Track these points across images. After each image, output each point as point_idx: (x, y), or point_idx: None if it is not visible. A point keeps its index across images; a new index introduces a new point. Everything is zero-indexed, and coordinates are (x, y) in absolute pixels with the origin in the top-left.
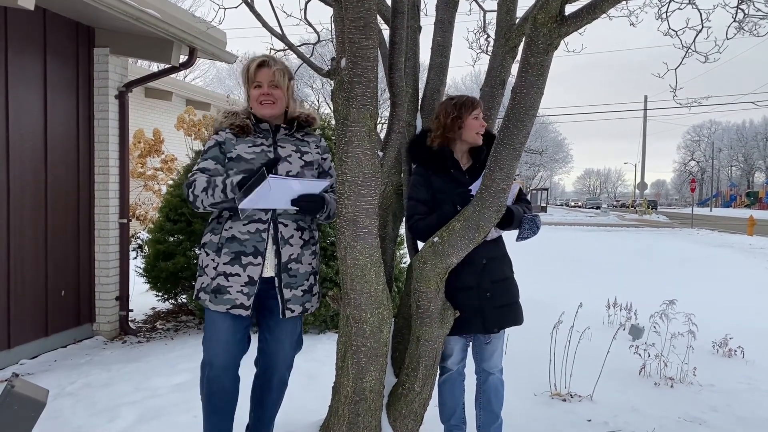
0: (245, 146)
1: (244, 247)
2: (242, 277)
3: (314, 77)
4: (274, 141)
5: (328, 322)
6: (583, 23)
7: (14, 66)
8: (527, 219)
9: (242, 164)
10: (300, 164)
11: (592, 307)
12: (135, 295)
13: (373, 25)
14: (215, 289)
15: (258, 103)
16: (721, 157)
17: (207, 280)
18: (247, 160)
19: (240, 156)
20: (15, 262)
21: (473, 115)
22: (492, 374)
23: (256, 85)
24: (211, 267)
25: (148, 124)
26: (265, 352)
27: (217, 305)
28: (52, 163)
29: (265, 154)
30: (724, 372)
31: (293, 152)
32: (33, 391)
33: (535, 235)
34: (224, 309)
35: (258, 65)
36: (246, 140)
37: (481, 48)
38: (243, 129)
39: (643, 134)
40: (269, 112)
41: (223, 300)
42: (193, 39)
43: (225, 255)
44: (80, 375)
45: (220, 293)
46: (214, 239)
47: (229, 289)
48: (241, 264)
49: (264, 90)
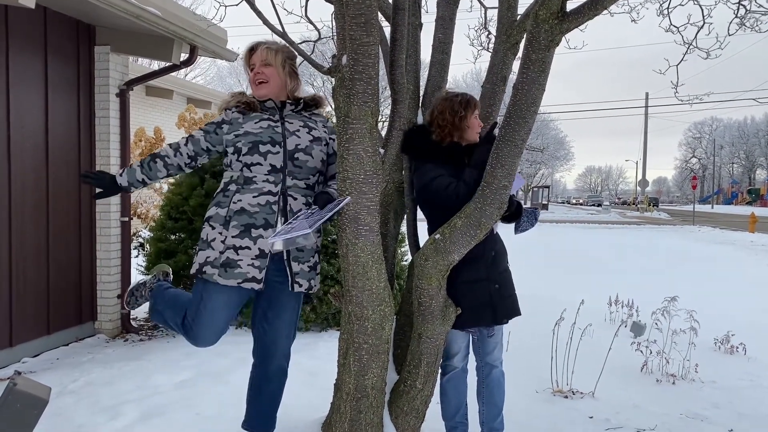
0: (251, 122)
1: (254, 219)
2: (253, 249)
3: (315, 75)
4: (281, 117)
5: (330, 320)
6: (585, 19)
7: (15, 65)
8: (527, 211)
9: (250, 137)
10: (309, 138)
11: (593, 304)
12: None
13: (374, 21)
14: (225, 262)
15: (253, 83)
16: (722, 154)
17: (214, 254)
18: (255, 134)
19: (248, 132)
20: (17, 260)
21: (475, 115)
22: (495, 367)
23: (250, 67)
24: (218, 240)
25: (149, 122)
26: (262, 341)
27: (228, 279)
28: (54, 162)
29: (272, 129)
30: (726, 369)
31: (301, 127)
32: (35, 388)
33: (533, 228)
34: (235, 283)
35: (249, 50)
36: (252, 117)
37: (482, 45)
38: (250, 105)
39: (644, 131)
40: (264, 92)
41: (234, 274)
42: (194, 37)
43: (234, 228)
44: (82, 373)
45: (230, 267)
46: (221, 212)
47: (240, 262)
48: (251, 237)
49: (257, 69)
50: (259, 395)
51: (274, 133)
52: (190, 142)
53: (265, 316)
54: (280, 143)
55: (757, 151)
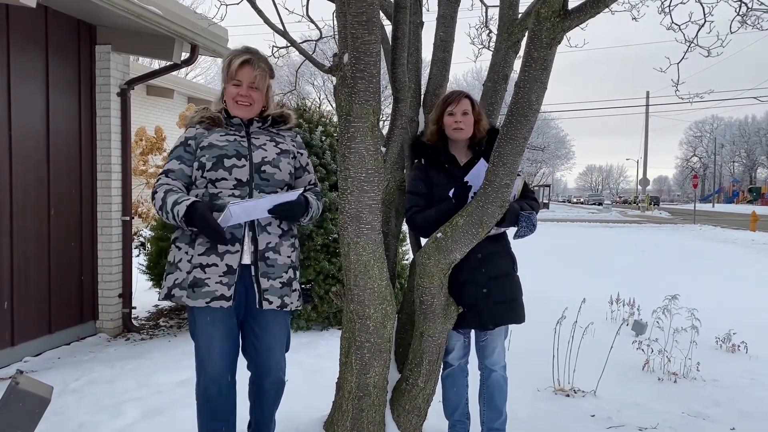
0: (216, 135)
1: None
2: (220, 266)
3: (315, 74)
4: (248, 133)
5: (331, 319)
6: (586, 17)
7: (16, 64)
8: (524, 217)
9: (215, 150)
10: (276, 151)
11: (595, 302)
12: (138, 293)
13: (376, 20)
14: (192, 283)
15: (234, 101)
16: (723, 152)
17: (181, 275)
18: (220, 146)
19: (212, 144)
20: (18, 259)
21: (447, 111)
22: (494, 371)
23: (235, 83)
24: (184, 261)
25: (149, 121)
26: (254, 358)
27: (196, 299)
28: (55, 161)
29: (238, 142)
30: (728, 367)
31: (267, 141)
32: (37, 387)
33: (532, 234)
34: (203, 303)
35: (241, 62)
36: (218, 131)
37: (482, 43)
38: (214, 121)
39: (645, 130)
40: (244, 114)
41: (202, 293)
42: (194, 36)
43: (200, 246)
44: (84, 372)
45: (197, 286)
46: (187, 231)
47: (207, 281)
48: (217, 253)
49: (243, 91)
50: (258, 407)
51: (240, 147)
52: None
53: (253, 331)
54: (246, 156)
55: (758, 149)
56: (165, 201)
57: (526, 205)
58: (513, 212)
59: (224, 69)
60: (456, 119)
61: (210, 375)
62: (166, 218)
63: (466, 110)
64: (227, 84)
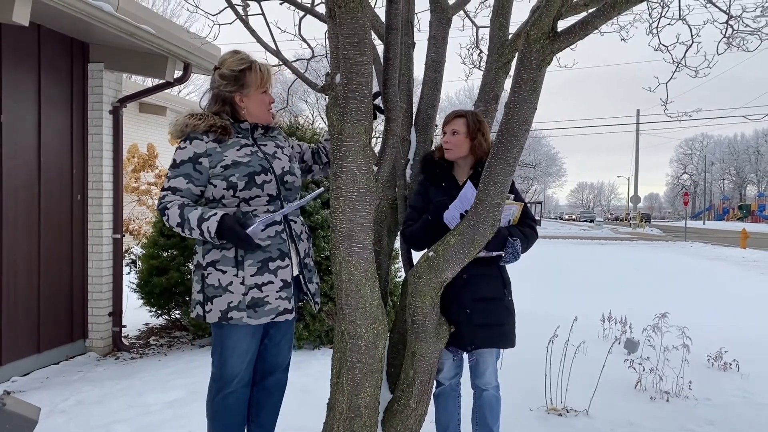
0: (233, 150)
1: (269, 252)
2: (275, 283)
3: (308, 92)
4: (254, 140)
5: (323, 338)
6: (576, 39)
7: (8, 81)
8: (509, 243)
9: (243, 168)
10: (287, 158)
11: (587, 320)
12: (128, 311)
13: (368, 41)
14: (251, 303)
15: (267, 109)
16: (713, 170)
17: (236, 298)
18: (246, 163)
19: (237, 161)
20: (7, 277)
21: (451, 130)
22: (485, 390)
23: (265, 89)
24: (236, 283)
25: (142, 138)
26: (264, 358)
27: (260, 318)
28: (46, 179)
29: (256, 155)
30: (720, 385)
31: (275, 148)
32: (25, 409)
33: (516, 261)
34: (269, 319)
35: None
36: (229, 144)
37: (474, 63)
38: (225, 130)
39: (635, 148)
40: (270, 120)
41: (265, 312)
42: (187, 54)
43: (250, 267)
44: (73, 392)
45: (258, 306)
46: (228, 254)
47: (266, 299)
48: (270, 271)
49: (272, 98)
50: (261, 410)
51: (261, 160)
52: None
53: (268, 333)
54: (269, 170)
55: (748, 167)
56: (186, 218)
57: (517, 231)
58: (500, 236)
59: (255, 77)
60: (444, 139)
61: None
62: (188, 234)
63: (456, 130)
64: (257, 90)
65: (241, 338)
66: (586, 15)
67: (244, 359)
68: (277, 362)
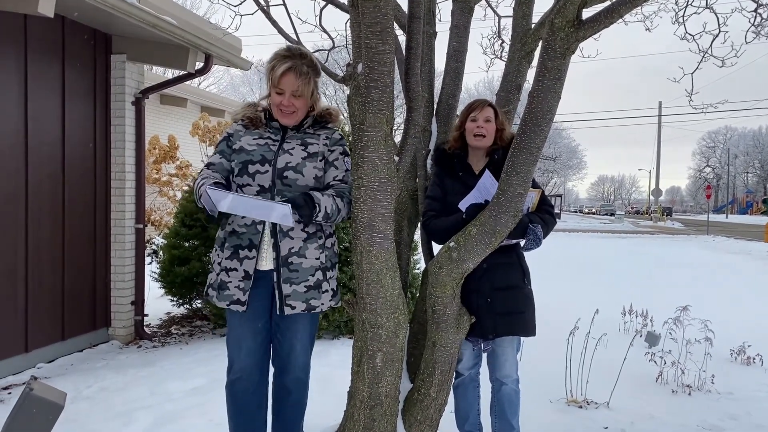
0: (250, 138)
1: (241, 240)
2: (239, 271)
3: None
4: (283, 136)
5: (342, 327)
6: (601, 27)
7: (33, 73)
8: (531, 230)
9: (242, 155)
10: (302, 155)
11: (607, 313)
12: (150, 300)
13: (390, 30)
14: (219, 285)
15: (278, 109)
16: (737, 163)
17: (213, 276)
18: (248, 151)
19: (242, 147)
20: (32, 266)
21: (470, 118)
22: (504, 384)
23: (278, 90)
24: (216, 262)
25: (163, 130)
26: (278, 352)
27: (221, 301)
28: (70, 169)
29: (267, 146)
30: (743, 380)
31: (297, 145)
32: (51, 394)
33: (538, 247)
34: (225, 305)
35: (285, 69)
36: (253, 133)
37: (495, 53)
38: (253, 121)
39: (657, 140)
40: (288, 122)
41: (224, 296)
42: (208, 46)
43: (227, 249)
44: (96, 379)
45: (222, 289)
46: (221, 234)
47: (229, 284)
48: (239, 258)
49: (285, 101)
50: (281, 406)
51: (267, 151)
52: (213, 169)
53: (279, 328)
54: (270, 161)
55: None
56: (197, 190)
57: (537, 217)
58: (521, 224)
59: (267, 73)
60: (478, 125)
61: (237, 372)
62: (200, 203)
63: (489, 117)
64: (271, 89)
65: (234, 325)
66: (611, 3)
67: (240, 346)
68: (289, 360)
